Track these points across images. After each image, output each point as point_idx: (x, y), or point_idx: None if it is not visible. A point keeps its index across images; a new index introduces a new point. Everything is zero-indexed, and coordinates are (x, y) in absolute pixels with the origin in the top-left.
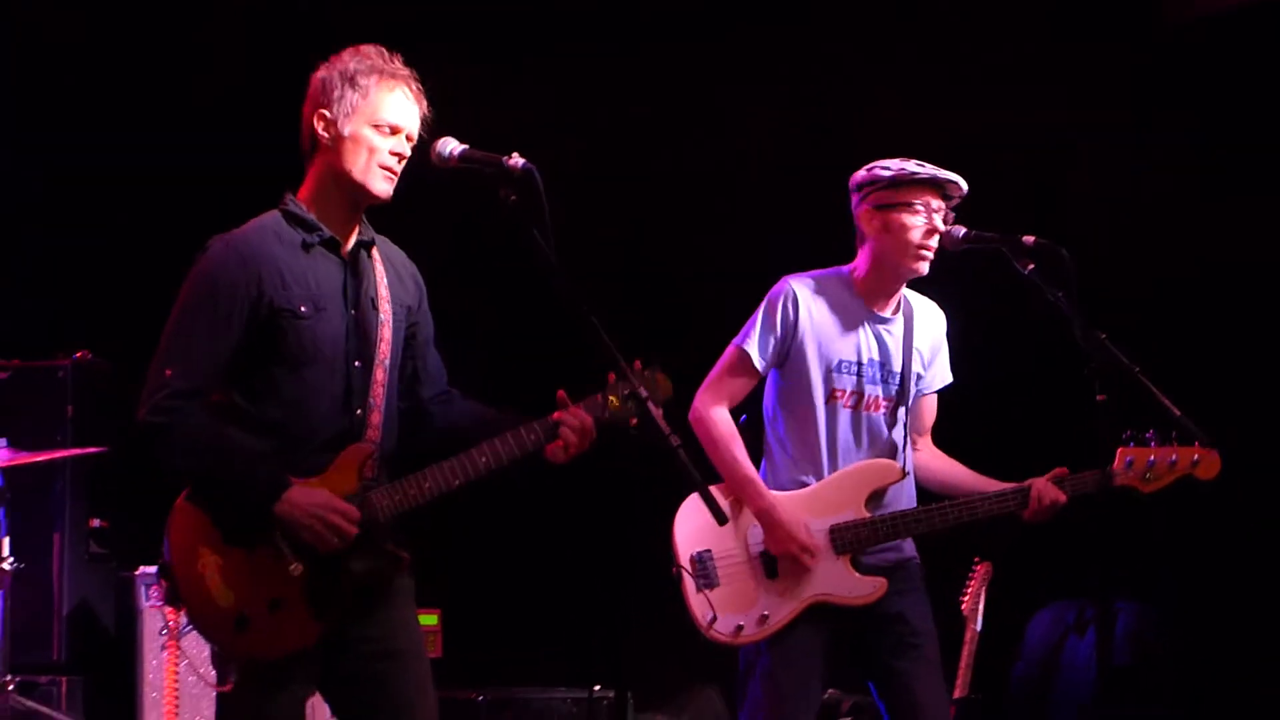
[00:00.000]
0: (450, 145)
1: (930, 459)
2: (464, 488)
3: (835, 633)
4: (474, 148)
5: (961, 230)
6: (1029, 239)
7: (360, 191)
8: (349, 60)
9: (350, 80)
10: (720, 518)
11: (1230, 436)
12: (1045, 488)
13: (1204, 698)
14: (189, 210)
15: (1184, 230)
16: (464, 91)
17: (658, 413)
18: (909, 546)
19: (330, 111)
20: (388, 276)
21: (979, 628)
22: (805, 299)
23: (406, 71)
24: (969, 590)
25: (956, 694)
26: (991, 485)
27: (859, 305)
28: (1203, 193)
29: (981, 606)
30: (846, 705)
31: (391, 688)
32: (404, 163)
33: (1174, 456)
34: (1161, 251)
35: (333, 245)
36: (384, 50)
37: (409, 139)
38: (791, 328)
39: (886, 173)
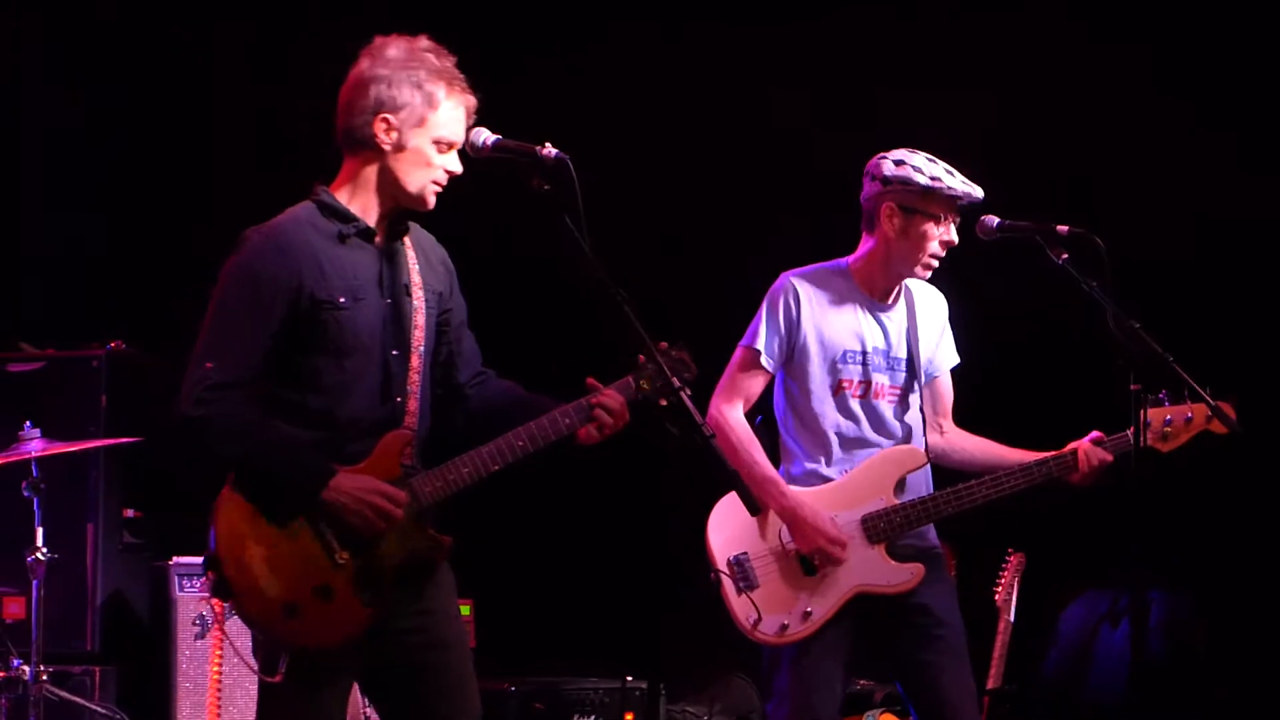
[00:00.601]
0: (484, 135)
1: (961, 440)
2: (502, 471)
3: (861, 625)
4: (506, 137)
5: (995, 220)
6: (1063, 228)
7: (410, 201)
8: (408, 59)
9: (418, 88)
10: (753, 507)
11: (1266, 423)
12: (1091, 450)
13: (1238, 688)
14: (222, 199)
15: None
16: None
17: (686, 393)
18: (931, 536)
19: (396, 118)
20: (418, 263)
21: (1012, 618)
22: (806, 293)
23: (465, 80)
24: (1002, 581)
25: (990, 685)
26: (1028, 454)
27: (859, 295)
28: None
29: (1014, 597)
30: (880, 695)
31: (437, 677)
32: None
33: (1189, 413)
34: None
35: (368, 234)
36: (438, 48)
37: (456, 152)
38: (795, 323)
39: (921, 179)
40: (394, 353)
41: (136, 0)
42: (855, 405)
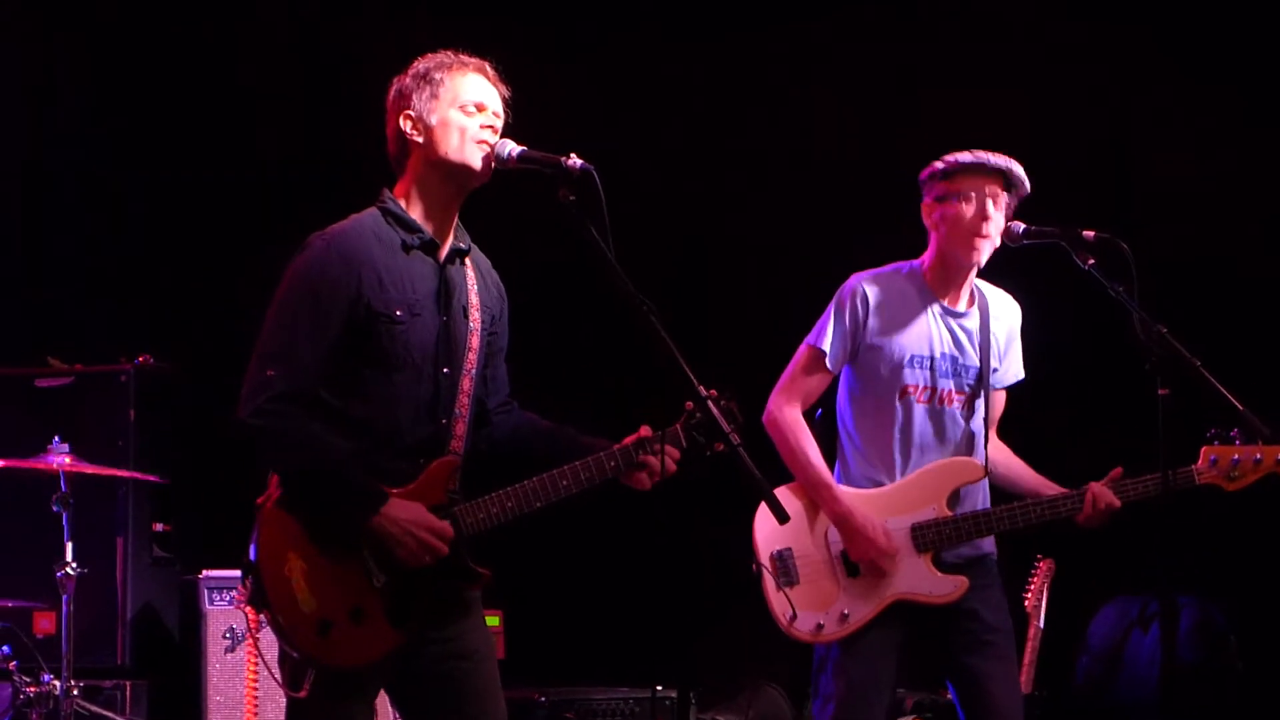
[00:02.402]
0: (509, 146)
1: (993, 452)
2: (544, 509)
3: (910, 631)
4: (532, 148)
5: (1021, 226)
6: (1089, 233)
7: (460, 171)
8: (419, 64)
9: (424, 78)
10: (782, 517)
11: None
12: (1101, 492)
13: (1266, 692)
14: (249, 212)
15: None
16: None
17: (737, 439)
18: (988, 543)
19: (414, 110)
20: (478, 284)
21: (1042, 624)
22: (874, 296)
23: (477, 59)
24: (1032, 587)
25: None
26: (1044, 483)
27: (930, 298)
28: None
29: (1044, 603)
30: (910, 703)
31: (464, 687)
32: (497, 135)
33: (1259, 455)
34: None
35: (431, 248)
36: (452, 51)
37: (496, 115)
38: (862, 325)
39: (941, 164)
40: (445, 371)
41: (168, 13)
42: (920, 411)
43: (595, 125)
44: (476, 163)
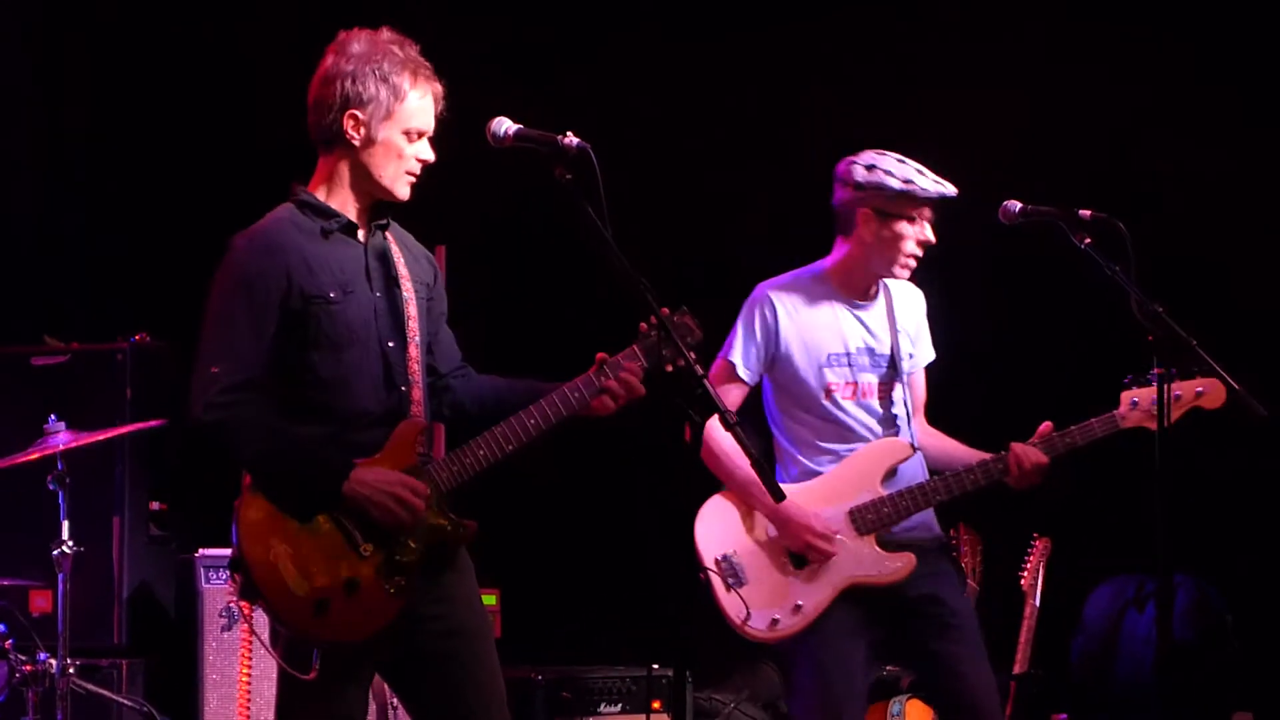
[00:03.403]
0: (505, 125)
1: (923, 437)
2: (517, 452)
3: (871, 618)
4: (528, 126)
5: (1017, 205)
6: (1085, 213)
7: (385, 195)
8: (371, 52)
9: (386, 82)
10: (777, 495)
11: None
12: (1024, 451)
13: (1262, 671)
14: (248, 191)
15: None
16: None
17: (691, 356)
18: (934, 525)
19: (363, 113)
20: (404, 256)
21: (1038, 603)
22: (782, 303)
23: (427, 67)
24: (1028, 566)
25: (1016, 669)
26: (979, 455)
27: (836, 297)
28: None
29: (1040, 582)
30: (906, 682)
31: (460, 665)
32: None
33: (1178, 392)
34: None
35: (350, 230)
36: (401, 38)
37: (430, 143)
38: (774, 334)
39: (894, 183)
40: (390, 344)
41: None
42: (846, 406)
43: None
44: (400, 193)
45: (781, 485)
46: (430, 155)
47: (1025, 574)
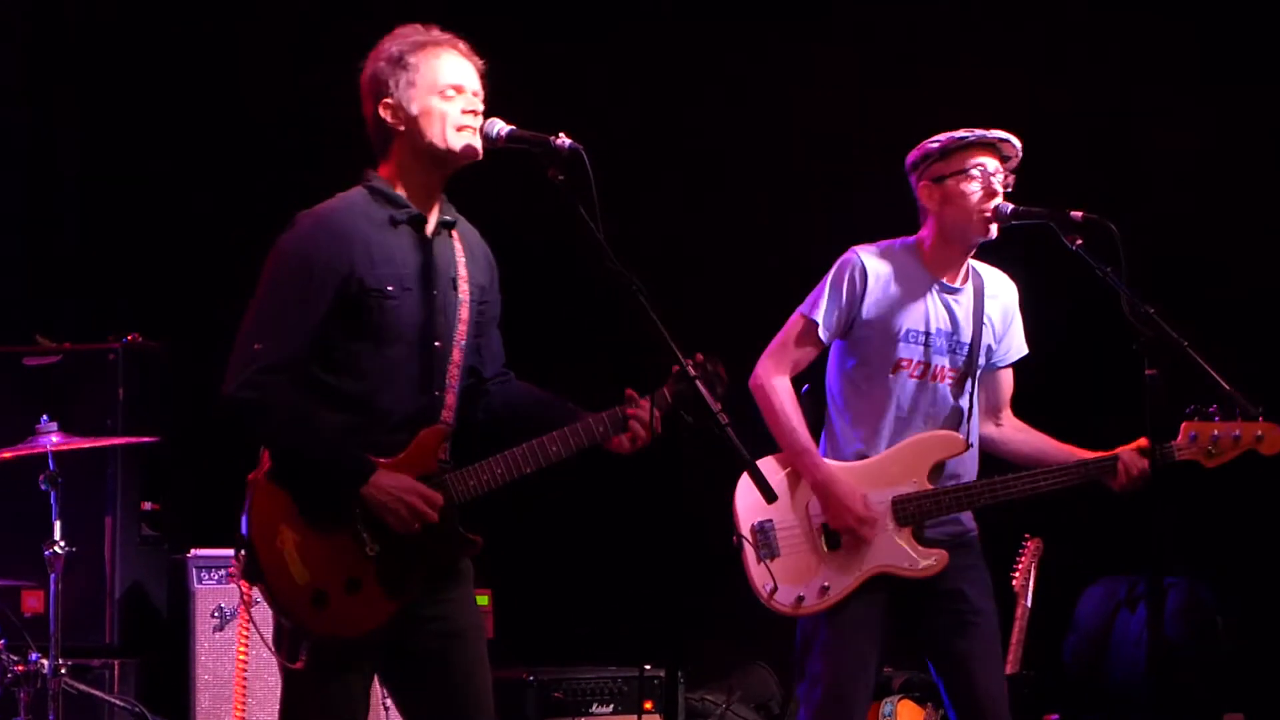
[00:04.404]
0: (497, 125)
1: (1013, 432)
2: (533, 473)
3: (892, 606)
4: (521, 128)
5: (1009, 206)
6: (1077, 214)
7: (447, 157)
8: (389, 46)
9: (398, 63)
10: (769, 496)
11: None
12: (1132, 458)
13: (1253, 672)
14: (240, 193)
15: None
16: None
17: (716, 406)
18: (969, 521)
19: (392, 98)
20: (465, 256)
21: (1029, 604)
22: (873, 269)
23: (448, 36)
24: (1020, 566)
25: (1008, 670)
26: (1075, 451)
27: (926, 275)
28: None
29: (1032, 582)
30: (899, 682)
31: (451, 664)
32: (479, 117)
33: (1237, 432)
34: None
35: (418, 223)
36: (419, 25)
37: (475, 95)
38: (858, 298)
39: (936, 145)
40: (436, 344)
41: None
42: (912, 386)
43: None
44: (460, 146)
45: (831, 462)
46: (476, 105)
47: (1017, 574)
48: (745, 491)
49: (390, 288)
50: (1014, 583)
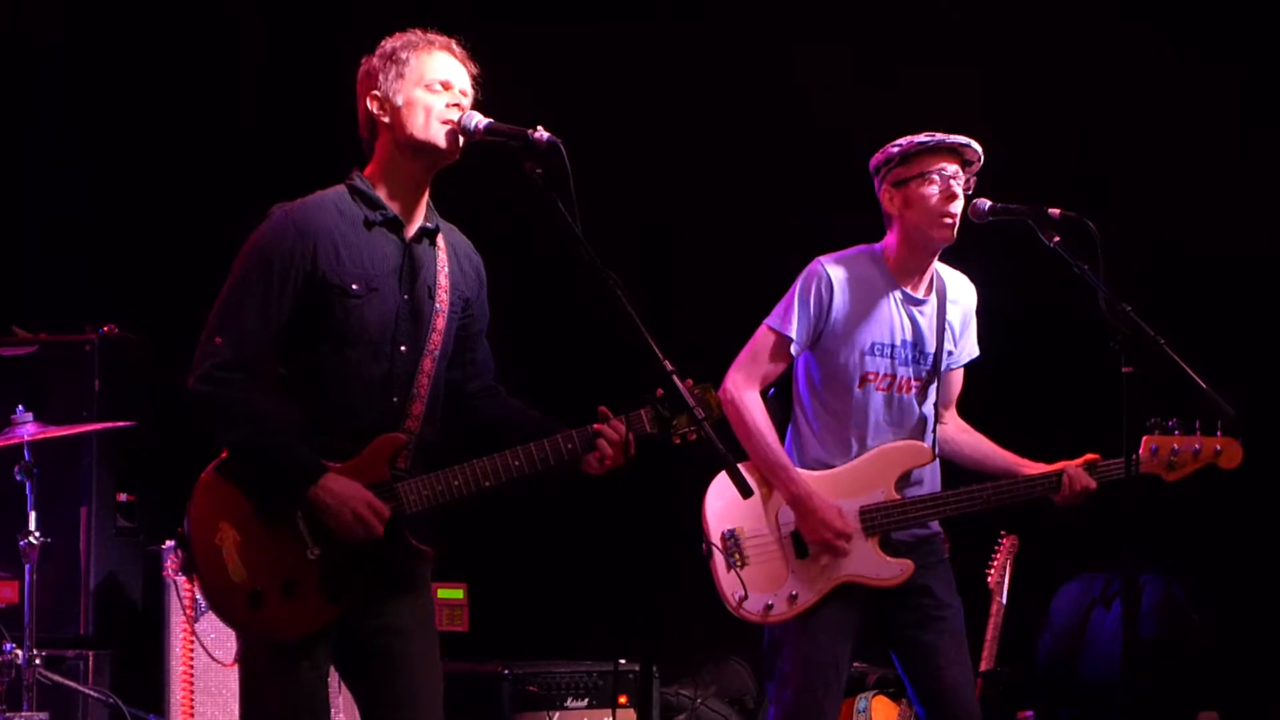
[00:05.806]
0: (475, 119)
1: (956, 432)
2: (495, 489)
3: (863, 610)
4: (499, 121)
5: (987, 203)
6: (1055, 211)
7: (426, 149)
8: (387, 44)
9: (391, 57)
10: (746, 491)
11: (1262, 413)
12: (1077, 474)
13: (1228, 670)
14: (220, 182)
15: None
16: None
17: (712, 434)
18: (933, 522)
19: (380, 90)
20: (449, 266)
21: (1004, 601)
22: (838, 280)
23: (444, 38)
24: (995, 563)
25: (983, 667)
26: (1017, 461)
27: (891, 284)
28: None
29: (1007, 579)
30: (872, 679)
31: (397, 661)
32: (464, 113)
33: (1197, 445)
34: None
35: (395, 226)
36: (419, 29)
37: (463, 93)
38: (825, 310)
39: (896, 149)
40: (402, 349)
41: None
42: (879, 399)
43: (570, 104)
44: (442, 141)
45: (802, 476)
46: (461, 101)
47: (992, 571)
48: (715, 498)
49: (354, 286)
50: (989, 580)
